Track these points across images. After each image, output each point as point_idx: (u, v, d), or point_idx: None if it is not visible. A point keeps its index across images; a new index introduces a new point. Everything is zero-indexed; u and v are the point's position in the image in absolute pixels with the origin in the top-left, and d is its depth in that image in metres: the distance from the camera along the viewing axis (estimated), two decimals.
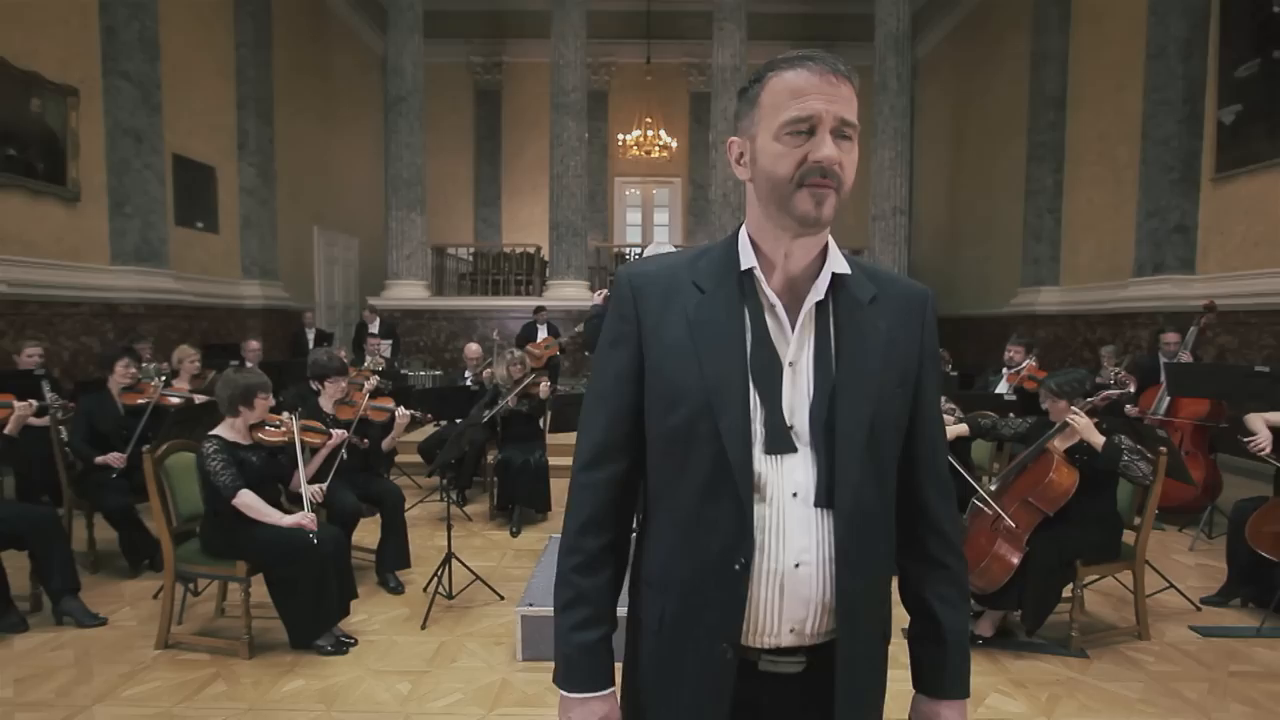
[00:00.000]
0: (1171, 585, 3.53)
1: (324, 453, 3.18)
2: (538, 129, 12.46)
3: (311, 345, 8.45)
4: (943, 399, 4.10)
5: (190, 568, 2.96)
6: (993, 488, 3.11)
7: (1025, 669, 2.88)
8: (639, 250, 12.56)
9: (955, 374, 7.24)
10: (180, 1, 8.18)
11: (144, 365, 5.23)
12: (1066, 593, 3.05)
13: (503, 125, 14.14)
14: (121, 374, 4.05)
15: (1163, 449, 3.07)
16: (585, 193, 10.30)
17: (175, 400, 4.14)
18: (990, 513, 3.02)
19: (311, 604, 2.86)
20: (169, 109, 7.92)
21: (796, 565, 0.89)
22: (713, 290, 0.93)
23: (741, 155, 0.94)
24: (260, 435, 2.90)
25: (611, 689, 0.99)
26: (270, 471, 2.96)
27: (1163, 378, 4.64)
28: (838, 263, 0.94)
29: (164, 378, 4.91)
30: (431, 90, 12.19)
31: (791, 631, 0.91)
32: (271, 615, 2.97)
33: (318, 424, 3.27)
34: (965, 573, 1.05)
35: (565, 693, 0.97)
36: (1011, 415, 4.06)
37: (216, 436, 2.84)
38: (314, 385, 3.79)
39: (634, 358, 0.95)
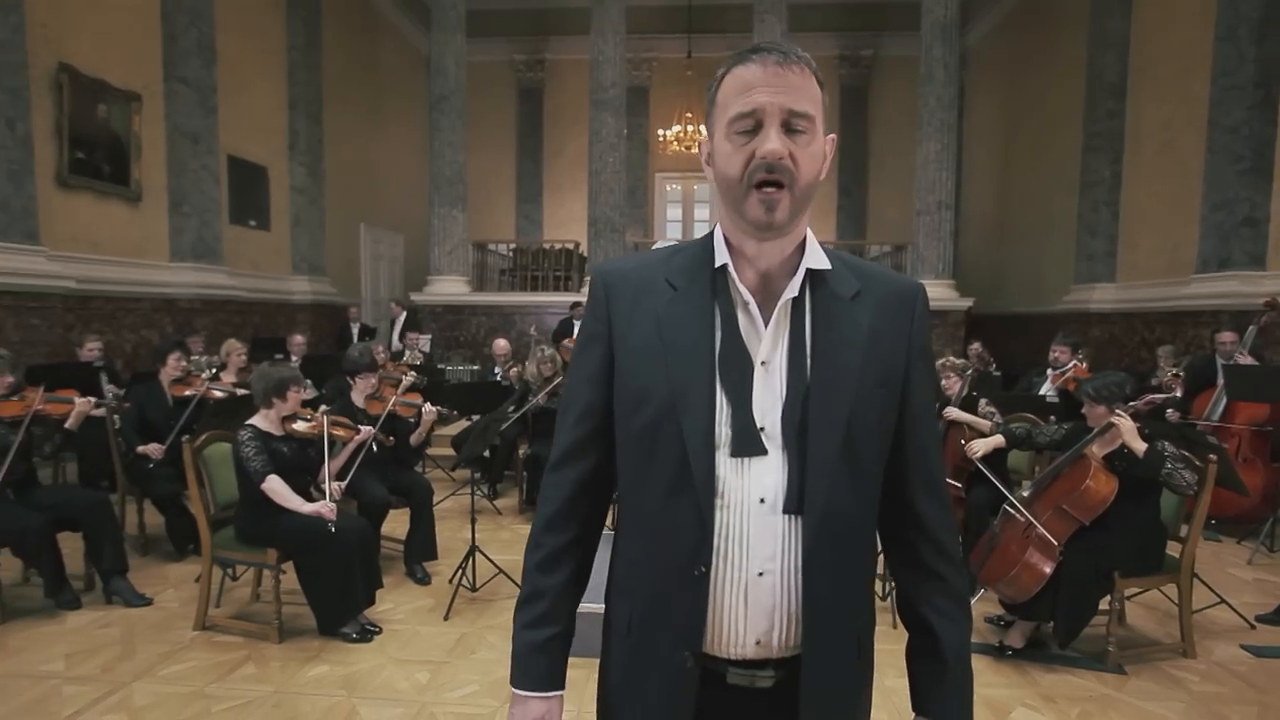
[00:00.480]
0: (1223, 601, 3.35)
1: (350, 448, 3.28)
2: (579, 125, 12.51)
3: (355, 339, 8.70)
4: (982, 401, 4.02)
5: (226, 553, 3.08)
6: (1025, 494, 3.00)
7: (1056, 683, 2.77)
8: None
9: (998, 374, 7.03)
10: (236, 7, 8.50)
11: (195, 358, 5.48)
12: (1105, 605, 2.92)
13: (544, 122, 14.26)
14: (173, 367, 4.25)
15: (1212, 456, 2.91)
16: (624, 189, 10.31)
17: (219, 394, 4.32)
18: (1022, 520, 2.91)
19: (338, 592, 2.95)
20: (224, 111, 8.24)
21: (760, 574, 0.85)
22: (685, 288, 0.91)
23: (709, 156, 0.92)
24: (292, 427, 3.01)
25: (555, 692, 0.96)
26: (300, 462, 3.06)
27: (1219, 380, 4.39)
28: (815, 258, 0.90)
29: (213, 370, 5.14)
30: (475, 88, 12.36)
31: (758, 643, 0.87)
32: (303, 602, 3.08)
33: (346, 420, 3.36)
34: (965, 584, 0.98)
35: (513, 689, 0.96)
36: (1052, 418, 3.90)
37: (252, 426, 2.96)
38: (348, 380, 3.91)
39: (604, 357, 0.94)
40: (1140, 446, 2.77)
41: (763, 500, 0.85)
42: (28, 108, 5.88)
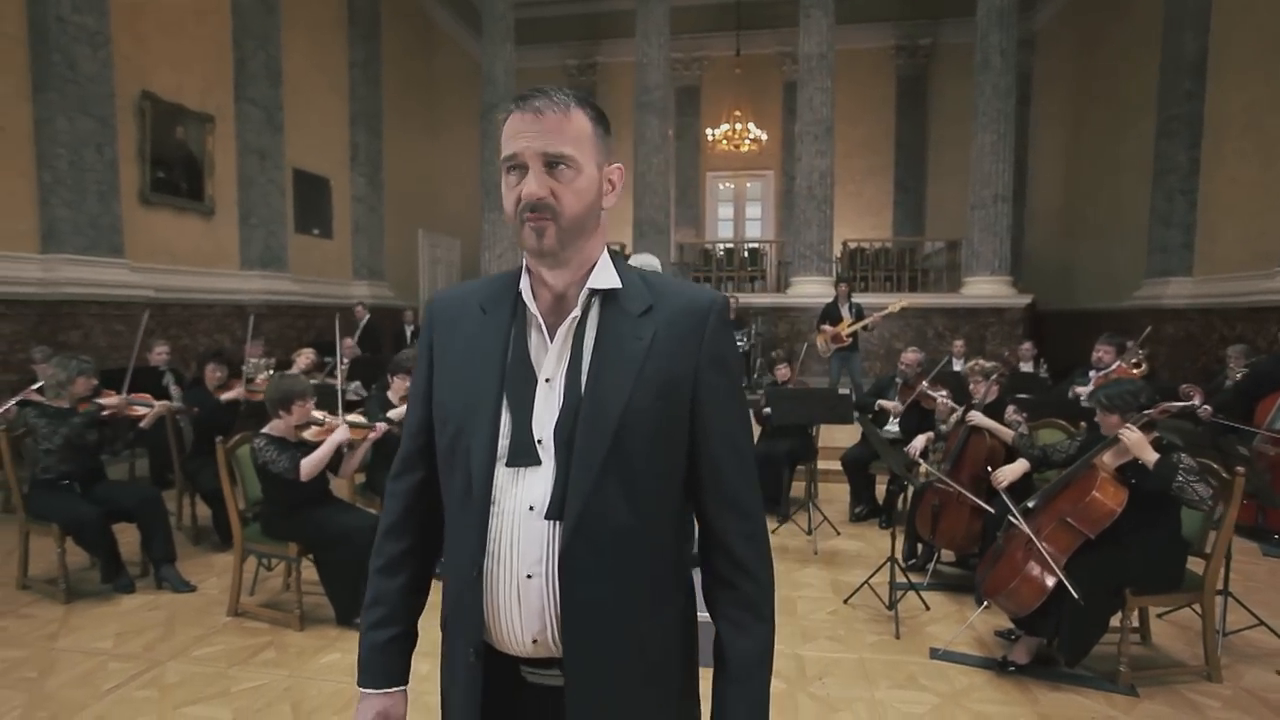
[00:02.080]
0: (1262, 623, 3.11)
1: (365, 445, 3.47)
2: (630, 127, 12.63)
3: (409, 342, 9.10)
4: (1009, 409, 3.87)
5: (254, 546, 3.33)
6: (1031, 505, 2.88)
7: (1059, 703, 2.66)
8: (727, 246, 12.45)
9: (1046, 376, 6.68)
10: (300, 29, 9.04)
11: (254, 361, 5.89)
12: (1118, 622, 2.78)
13: None
14: (210, 376, 4.60)
15: (1240, 469, 2.72)
16: (666, 190, 10.35)
17: (260, 396, 4.64)
18: (1026, 533, 2.80)
19: (353, 585, 3.14)
20: (289, 127, 8.79)
21: (529, 576, 0.91)
22: (491, 312, 0.99)
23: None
24: (304, 435, 3.22)
25: (395, 688, 1.04)
26: None
27: None
28: (602, 279, 0.95)
29: (270, 373, 5.51)
30: None
31: (534, 642, 0.93)
32: (324, 592, 3.29)
33: (361, 419, 3.57)
34: (762, 595, 0.97)
35: (358, 688, 1.04)
36: (1084, 424, 3.72)
37: (265, 434, 3.18)
38: (389, 379, 4.18)
39: (426, 379, 1.03)
40: (1151, 457, 2.62)
41: (531, 508, 0.91)
42: (114, 133, 6.46)
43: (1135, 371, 4.85)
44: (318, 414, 3.29)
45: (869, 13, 12.48)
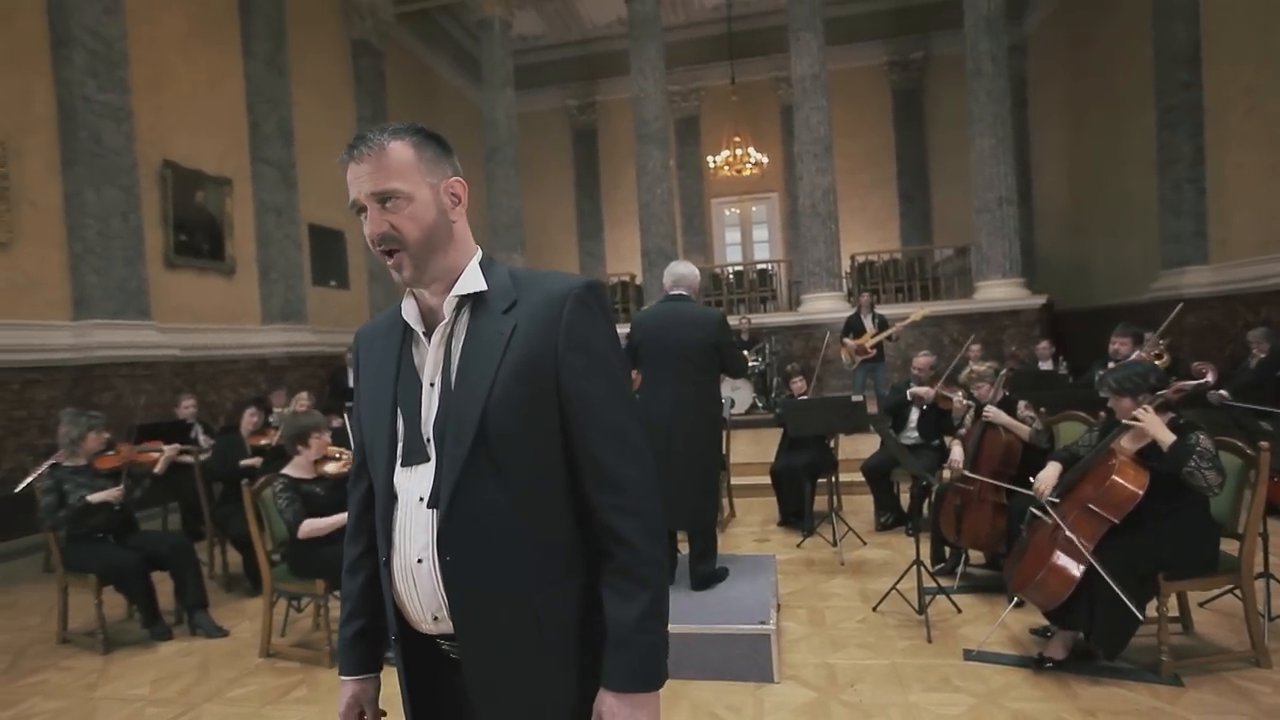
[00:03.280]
0: None
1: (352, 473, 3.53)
2: (632, 160, 12.89)
3: None
4: (1021, 404, 3.84)
5: (283, 586, 3.38)
6: (1053, 497, 2.84)
7: (1101, 696, 2.59)
8: (736, 269, 12.53)
9: (1066, 373, 6.59)
10: (310, 90, 9.42)
11: (278, 411, 6.03)
12: (1154, 611, 2.71)
13: (600, 160, 14.75)
14: (248, 420, 4.72)
15: (1264, 444, 2.67)
16: (671, 218, 10.50)
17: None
18: (1050, 521, 2.77)
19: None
20: (303, 184, 9.10)
21: (419, 560, 1.00)
22: (389, 333, 1.10)
23: None
24: (323, 470, 3.29)
25: (364, 675, 1.15)
26: (336, 500, 3.34)
27: None
28: (467, 284, 1.03)
29: None
30: (531, 137, 13.00)
31: (435, 619, 1.02)
32: None
33: None
34: (638, 562, 0.99)
35: (339, 675, 1.17)
36: (1103, 414, 3.66)
37: (284, 475, 3.26)
38: None
39: (357, 404, 1.16)
40: (1167, 438, 2.59)
41: (421, 499, 1.01)
42: (138, 201, 6.75)
43: (1157, 363, 4.78)
44: (334, 450, 3.35)
45: (859, 33, 12.72)
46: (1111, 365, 4.84)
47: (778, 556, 3.94)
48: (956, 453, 3.84)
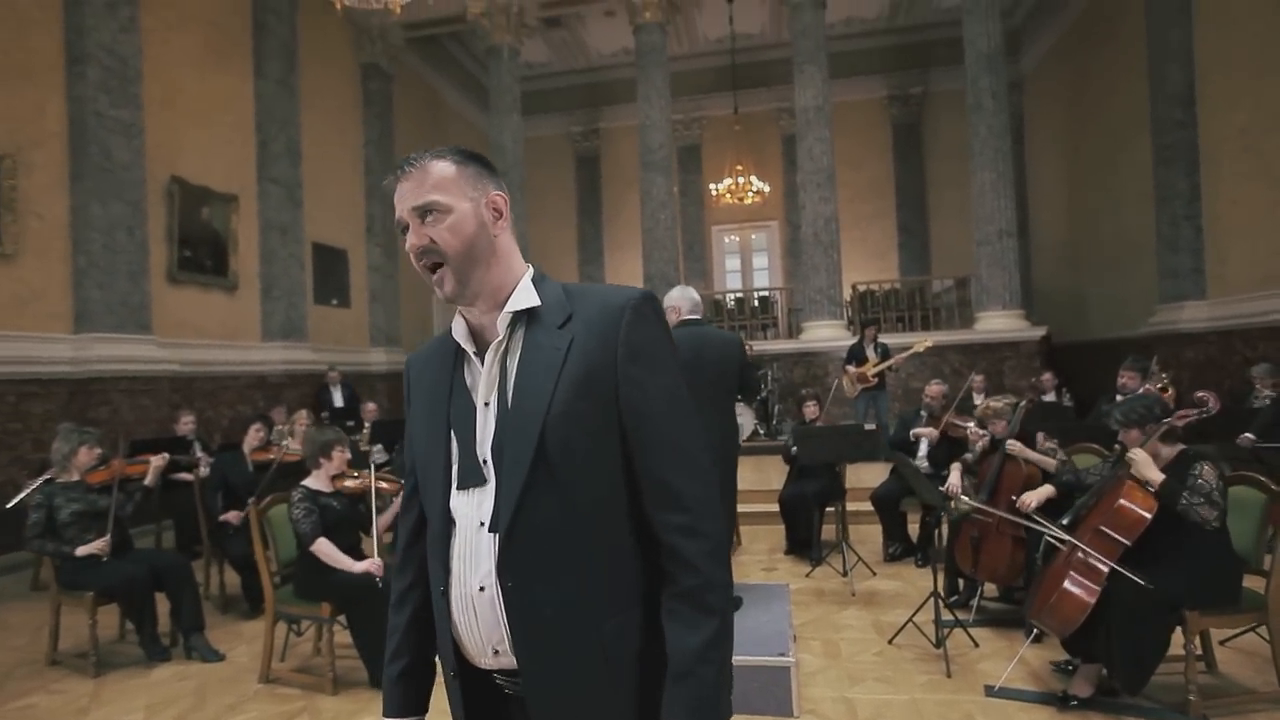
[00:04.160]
0: None
1: (399, 502, 3.47)
2: (634, 188, 13.01)
3: None
4: (1040, 436, 3.83)
5: (286, 609, 3.30)
6: (1065, 521, 2.83)
7: None
8: (737, 296, 12.60)
9: (1070, 405, 6.61)
10: (319, 112, 9.49)
11: (277, 428, 5.95)
12: (1182, 649, 2.67)
13: (602, 186, 14.89)
14: (253, 436, 4.65)
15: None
16: (675, 245, 10.57)
17: (295, 457, 4.66)
18: (1065, 548, 2.75)
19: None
20: (309, 203, 9.12)
21: (481, 589, 0.96)
22: (442, 357, 1.07)
23: None
24: (341, 484, 3.24)
25: (410, 718, 1.10)
26: (350, 517, 3.28)
27: None
28: (519, 301, 1.00)
29: (291, 438, 5.55)
30: (535, 162, 13.09)
31: (496, 653, 0.97)
32: (358, 655, 3.23)
33: (391, 476, 3.58)
34: (704, 587, 0.94)
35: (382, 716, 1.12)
36: (1117, 447, 3.65)
37: (304, 486, 3.21)
38: None
39: (409, 429, 1.13)
40: (1156, 478, 2.63)
41: (482, 524, 0.97)
42: (145, 217, 6.74)
43: (1164, 396, 4.79)
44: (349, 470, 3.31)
45: (859, 67, 12.97)
46: (1119, 398, 4.85)
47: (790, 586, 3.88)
48: (954, 479, 3.80)
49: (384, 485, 3.40)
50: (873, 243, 13.46)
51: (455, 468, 1.00)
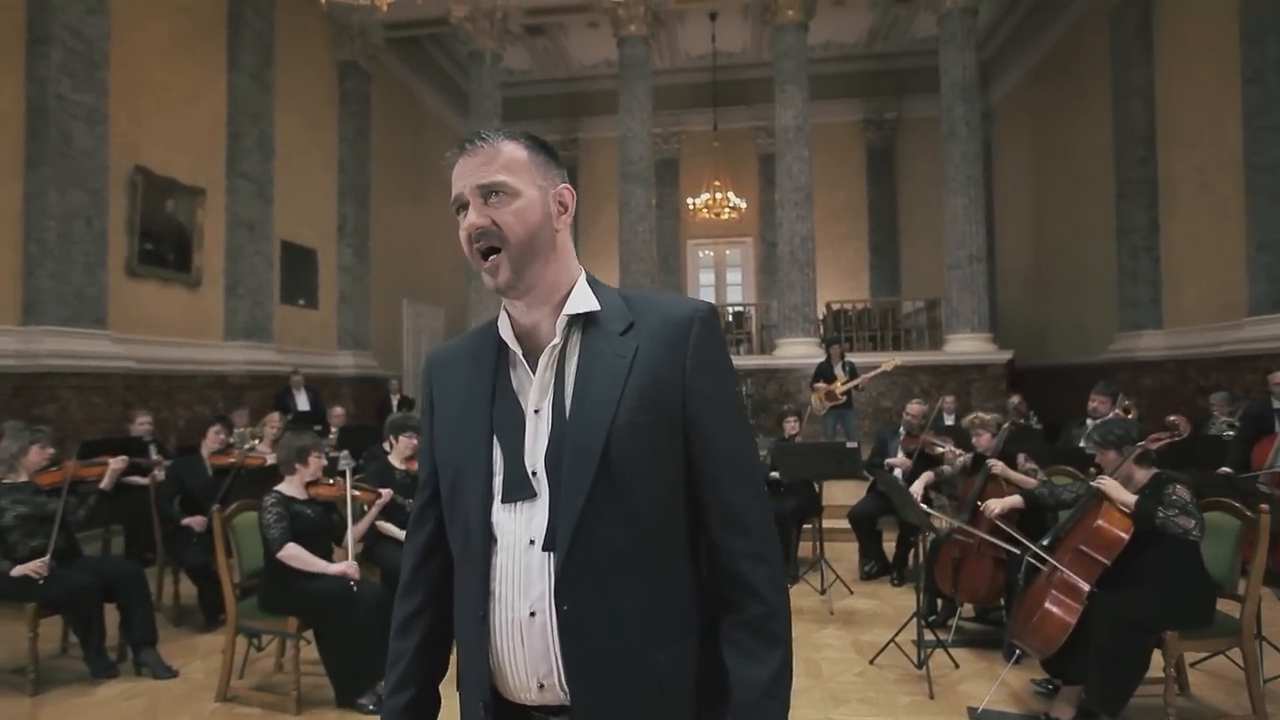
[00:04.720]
0: None
1: (374, 511, 3.34)
2: (611, 199, 12.99)
3: (395, 410, 8.93)
4: (1021, 457, 3.90)
5: (249, 622, 3.13)
6: (1046, 542, 2.86)
7: None
8: None
9: (1039, 427, 6.75)
10: (293, 108, 9.26)
11: (239, 431, 5.72)
12: (1160, 672, 2.70)
13: (580, 196, 14.79)
14: (212, 439, 4.45)
15: (1264, 506, 2.73)
16: (653, 257, 10.56)
17: (258, 461, 4.48)
18: (1045, 568, 2.78)
19: (356, 662, 2.95)
20: (279, 201, 8.86)
21: (532, 614, 0.87)
22: (480, 357, 0.98)
23: None
24: (315, 491, 3.11)
25: None
26: (323, 525, 3.14)
27: (1278, 425, 4.14)
28: (579, 303, 0.94)
29: (257, 441, 5.35)
30: None
31: (541, 686, 0.88)
32: (323, 672, 3.08)
33: (366, 485, 3.45)
34: (770, 617, 0.90)
35: None
36: (1093, 470, 3.73)
37: (277, 492, 3.07)
38: (385, 445, 4.07)
39: (430, 434, 1.04)
40: (1129, 499, 2.69)
41: (532, 542, 0.88)
42: (105, 206, 6.45)
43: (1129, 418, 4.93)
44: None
45: (837, 90, 13.21)
46: (1090, 422, 4.97)
47: None
48: (917, 486, 3.90)
49: (358, 494, 3.27)
50: (845, 262, 13.67)
51: (500, 479, 0.91)
